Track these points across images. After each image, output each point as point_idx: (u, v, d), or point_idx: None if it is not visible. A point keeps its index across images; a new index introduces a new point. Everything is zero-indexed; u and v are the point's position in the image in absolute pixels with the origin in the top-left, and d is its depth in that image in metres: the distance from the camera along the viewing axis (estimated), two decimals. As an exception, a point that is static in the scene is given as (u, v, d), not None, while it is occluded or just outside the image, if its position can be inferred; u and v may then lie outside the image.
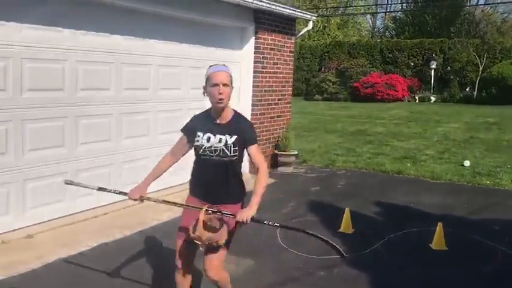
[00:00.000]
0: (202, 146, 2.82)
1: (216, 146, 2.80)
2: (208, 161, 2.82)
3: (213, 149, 2.80)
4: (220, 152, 2.80)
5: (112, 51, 5.32)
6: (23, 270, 3.83)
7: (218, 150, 2.80)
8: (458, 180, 7.47)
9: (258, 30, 7.39)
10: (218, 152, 2.80)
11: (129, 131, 5.65)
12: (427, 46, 24.74)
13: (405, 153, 9.68)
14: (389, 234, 4.91)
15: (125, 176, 5.60)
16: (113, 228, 4.87)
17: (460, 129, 13.37)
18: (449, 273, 4.07)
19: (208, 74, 2.77)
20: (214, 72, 2.76)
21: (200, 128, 2.85)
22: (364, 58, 25.35)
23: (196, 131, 2.86)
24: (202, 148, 2.81)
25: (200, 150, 2.82)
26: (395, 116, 16.68)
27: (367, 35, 40.43)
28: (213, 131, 2.81)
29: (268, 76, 7.78)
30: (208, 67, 2.82)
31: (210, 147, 2.81)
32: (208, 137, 2.82)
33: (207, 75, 2.77)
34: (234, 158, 2.83)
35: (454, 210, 5.89)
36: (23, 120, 4.52)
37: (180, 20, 6.13)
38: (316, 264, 4.16)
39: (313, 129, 13.41)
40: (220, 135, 2.80)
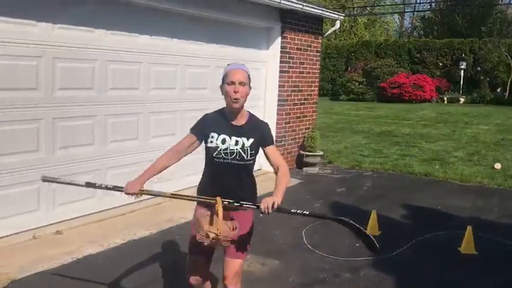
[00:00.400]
0: (217, 147, 2.64)
1: (232, 149, 2.63)
2: (222, 164, 2.64)
3: (229, 151, 2.63)
4: (236, 155, 2.63)
5: (141, 51, 5.39)
6: (53, 265, 3.92)
7: (234, 153, 2.63)
8: (489, 183, 7.30)
9: (285, 30, 7.38)
10: (234, 155, 2.63)
11: (156, 130, 5.71)
12: (456, 46, 24.28)
13: (433, 155, 9.50)
14: (417, 237, 4.83)
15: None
16: (140, 226, 4.93)
17: (490, 131, 13.07)
18: (478, 279, 3.98)
19: (226, 72, 2.62)
20: (231, 70, 2.61)
21: (214, 128, 2.66)
22: (391, 58, 25.05)
23: (210, 131, 2.68)
24: (217, 150, 2.63)
25: (214, 152, 2.63)
26: (423, 117, 16.41)
27: (395, 34, 39.95)
28: (228, 133, 2.64)
29: (295, 76, 7.75)
30: (227, 65, 2.69)
31: (226, 149, 2.63)
32: (224, 139, 2.64)
33: (224, 72, 2.63)
34: (251, 162, 2.70)
35: (484, 214, 5.76)
36: (54, 118, 4.62)
37: (208, 20, 6.17)
38: (342, 266, 4.12)
39: (339, 129, 13.31)
40: (236, 138, 2.64)
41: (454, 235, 4.83)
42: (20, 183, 4.42)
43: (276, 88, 7.52)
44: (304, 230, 5.02)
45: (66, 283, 3.66)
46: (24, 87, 4.37)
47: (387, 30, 40.15)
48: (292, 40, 7.56)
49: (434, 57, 24.67)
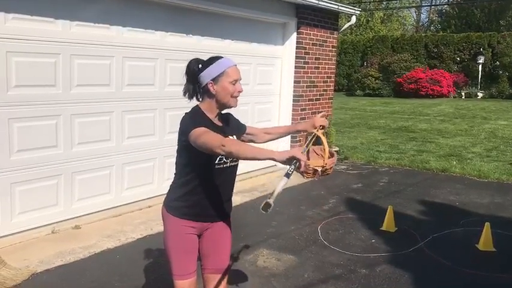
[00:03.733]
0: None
1: None
2: (223, 169, 2.39)
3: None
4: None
5: (157, 47, 5.42)
6: (71, 259, 3.99)
7: None
8: (507, 179, 7.19)
9: (300, 26, 7.35)
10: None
11: (171, 127, 5.74)
12: (474, 40, 23.92)
13: (450, 151, 9.40)
14: (434, 234, 4.79)
15: (167, 170, 5.71)
16: (157, 221, 4.95)
17: (509, 126, 12.86)
18: (497, 276, 3.93)
19: (224, 69, 2.34)
20: (231, 67, 2.36)
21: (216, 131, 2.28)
22: (408, 53, 24.79)
23: None
24: (219, 156, 2.32)
25: (216, 159, 2.33)
26: (440, 112, 16.23)
27: (412, 29, 39.50)
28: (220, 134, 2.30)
29: (310, 71, 7.73)
30: (216, 59, 2.39)
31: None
32: None
33: (222, 69, 2.34)
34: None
35: (503, 211, 5.68)
36: (71, 114, 4.68)
37: (223, 16, 6.18)
38: (358, 262, 4.11)
39: (355, 125, 13.23)
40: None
41: (472, 232, 4.78)
42: (39, 178, 4.49)
43: (292, 84, 7.50)
44: (319, 225, 5.02)
45: (84, 277, 3.72)
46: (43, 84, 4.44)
47: (404, 25, 39.71)
48: (308, 35, 7.53)
49: (452, 52, 24.34)
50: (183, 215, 2.42)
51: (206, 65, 2.36)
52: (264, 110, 7.26)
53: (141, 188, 5.44)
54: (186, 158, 2.36)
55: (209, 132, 2.20)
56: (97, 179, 4.99)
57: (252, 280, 3.72)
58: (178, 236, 2.44)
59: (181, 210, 2.42)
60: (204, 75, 2.35)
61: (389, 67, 23.54)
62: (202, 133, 2.19)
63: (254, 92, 6.95)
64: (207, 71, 2.34)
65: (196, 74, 2.37)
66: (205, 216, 2.46)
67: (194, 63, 2.38)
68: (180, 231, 2.43)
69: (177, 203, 2.44)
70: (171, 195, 2.48)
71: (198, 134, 2.20)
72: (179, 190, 2.44)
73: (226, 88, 2.35)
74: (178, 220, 2.42)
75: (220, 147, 2.11)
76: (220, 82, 2.34)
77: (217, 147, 2.12)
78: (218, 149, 2.12)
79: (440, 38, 25.34)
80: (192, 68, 2.38)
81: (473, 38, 24.08)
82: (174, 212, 2.44)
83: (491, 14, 30.54)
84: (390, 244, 4.55)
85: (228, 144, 2.12)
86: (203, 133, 2.19)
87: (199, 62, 2.39)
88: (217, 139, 2.16)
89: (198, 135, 2.19)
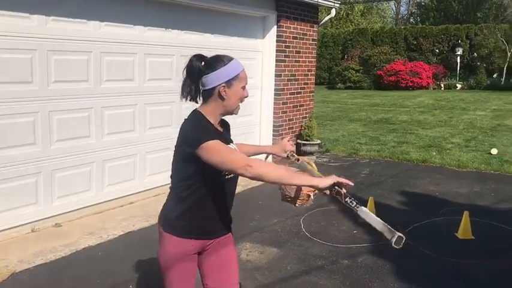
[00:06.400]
0: None
1: None
2: (228, 181, 2.18)
3: None
4: None
5: (135, 42, 5.36)
6: (52, 257, 3.94)
7: None
8: (485, 169, 7.34)
9: (280, 19, 7.34)
10: None
11: (152, 122, 5.71)
12: (452, 32, 24.23)
13: (430, 142, 9.53)
14: (414, 223, 4.86)
15: (148, 166, 5.68)
16: (139, 217, 4.95)
17: (487, 116, 13.10)
18: (476, 263, 4.01)
19: (239, 73, 2.12)
20: (243, 70, 2.16)
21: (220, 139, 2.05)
22: (388, 45, 24.98)
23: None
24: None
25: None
26: (420, 104, 16.43)
27: (391, 22, 39.80)
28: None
29: (291, 65, 7.74)
30: (227, 59, 2.14)
31: None
32: None
33: (236, 73, 2.12)
34: None
35: (481, 199, 5.79)
36: (49, 111, 4.61)
37: (202, 10, 6.14)
38: (341, 253, 4.15)
39: (336, 118, 13.31)
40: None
41: (451, 221, 4.86)
42: (18, 176, 4.42)
43: (273, 77, 7.51)
44: (302, 218, 5.05)
45: (65, 275, 3.68)
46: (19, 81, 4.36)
47: (383, 18, 40.01)
48: (288, 29, 7.53)
49: (431, 44, 24.62)
50: (186, 234, 2.14)
51: (215, 65, 2.10)
52: (246, 104, 7.11)
53: (122, 184, 5.40)
54: (189, 169, 2.07)
55: (228, 148, 2.02)
56: (77, 176, 4.93)
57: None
58: (179, 258, 2.18)
59: (184, 228, 2.15)
60: (215, 77, 2.08)
61: (369, 60, 23.71)
62: (219, 149, 1.96)
63: (235, 86, 6.93)
64: (219, 72, 2.08)
65: (201, 73, 2.11)
66: (210, 232, 2.23)
67: (198, 61, 2.13)
68: (182, 253, 2.17)
69: (179, 221, 2.15)
70: (171, 212, 2.17)
71: (214, 149, 1.96)
72: (180, 206, 2.14)
73: (237, 93, 2.14)
74: (179, 240, 2.15)
75: (245, 168, 1.90)
76: (233, 86, 2.11)
77: (241, 167, 1.91)
78: (241, 170, 1.91)
79: (420, 30, 25.59)
80: (197, 67, 2.12)
81: (451, 30, 24.39)
82: (175, 232, 2.14)
83: (468, 6, 30.93)
84: (372, 234, 4.60)
85: (255, 165, 1.91)
86: (221, 150, 1.97)
87: (203, 59, 2.14)
88: (240, 158, 1.96)
89: (215, 151, 1.96)
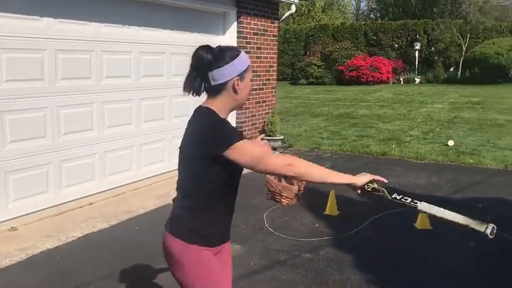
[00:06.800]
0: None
1: None
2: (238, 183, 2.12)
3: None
4: None
5: (92, 39, 5.24)
6: (7, 262, 3.81)
7: None
8: (443, 160, 7.56)
9: (241, 15, 7.33)
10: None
11: (111, 121, 5.59)
12: (411, 27, 24.80)
13: (390, 135, 9.74)
14: (374, 215, 4.96)
15: (108, 166, 5.57)
16: (99, 218, 4.85)
17: (444, 109, 13.49)
18: (433, 251, 4.13)
19: (248, 64, 2.02)
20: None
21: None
22: (348, 41, 25.34)
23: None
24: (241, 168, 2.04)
25: (242, 169, 2.02)
26: (380, 98, 16.76)
27: (352, 17, 40.40)
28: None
29: (252, 61, 7.73)
30: (236, 51, 2.00)
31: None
32: None
33: (247, 64, 2.01)
34: None
35: (438, 190, 5.97)
36: (1, 111, 4.44)
37: (162, 6, 6.05)
38: (303, 247, 4.19)
39: (299, 113, 13.42)
40: None
41: (410, 212, 4.94)
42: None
43: (234, 74, 7.48)
44: (265, 213, 5.07)
45: (22, 280, 3.57)
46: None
47: (344, 14, 40.56)
48: (249, 25, 7.53)
49: (390, 39, 25.12)
50: (206, 243, 2.00)
51: (227, 58, 1.95)
52: (207, 100, 7.19)
53: (81, 185, 5.27)
54: (210, 172, 1.92)
55: (260, 147, 1.93)
56: (34, 178, 4.78)
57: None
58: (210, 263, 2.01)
59: (207, 238, 2.00)
60: (229, 70, 1.94)
61: (331, 55, 23.99)
62: (252, 149, 1.88)
63: (196, 82, 6.87)
64: (233, 65, 1.94)
65: (212, 67, 1.94)
66: (224, 237, 2.13)
67: (207, 53, 1.94)
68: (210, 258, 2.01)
69: (201, 231, 1.99)
70: (189, 223, 1.99)
71: (246, 149, 1.86)
72: (200, 214, 1.99)
73: (248, 86, 2.03)
74: (202, 249, 2.00)
75: (286, 168, 1.84)
76: (245, 79, 2.00)
77: (281, 167, 1.84)
78: (282, 170, 1.85)
79: (379, 25, 26.08)
80: (208, 59, 1.93)
81: (409, 25, 24.96)
82: (199, 242, 1.98)
83: (426, 2, 31.75)
84: (333, 228, 4.68)
85: (296, 163, 1.85)
86: (254, 149, 1.88)
87: (212, 51, 1.96)
88: (276, 157, 1.88)
89: (248, 151, 1.86)
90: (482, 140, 9.01)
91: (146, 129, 6.06)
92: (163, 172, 6.28)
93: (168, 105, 6.37)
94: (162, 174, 6.27)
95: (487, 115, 12.10)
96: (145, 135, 6.06)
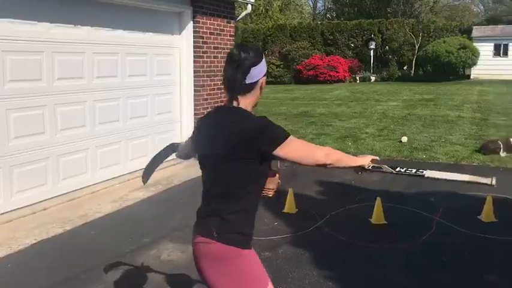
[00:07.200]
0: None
1: None
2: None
3: None
4: None
5: (41, 40, 5.07)
6: (-45, 273, 3.65)
7: None
8: (397, 156, 7.78)
9: (196, 15, 7.28)
10: None
11: (64, 123, 5.44)
12: (365, 27, 25.39)
13: (346, 133, 9.94)
14: (332, 212, 5.05)
15: (62, 170, 5.43)
16: (53, 224, 4.71)
17: (398, 106, 13.87)
18: (389, 245, 4.25)
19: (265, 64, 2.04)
20: None
21: None
22: (306, 41, 25.67)
23: None
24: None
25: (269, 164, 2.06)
26: (337, 96, 17.06)
27: (309, 17, 40.89)
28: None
29: (209, 61, 7.71)
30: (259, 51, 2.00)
31: None
32: None
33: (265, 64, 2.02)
34: None
35: (393, 186, 6.13)
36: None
37: (115, 6, 5.94)
38: (261, 246, 4.21)
39: (258, 112, 13.29)
40: None
41: (366, 207, 5.10)
42: None
43: (192, 74, 7.43)
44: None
45: (-29, 291, 3.43)
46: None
47: (301, 13, 41.00)
48: (205, 24, 7.49)
49: (346, 39, 25.63)
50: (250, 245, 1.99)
51: (260, 56, 1.97)
52: (165, 101, 7.12)
53: (33, 190, 5.10)
54: (253, 173, 1.91)
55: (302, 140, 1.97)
56: (-19, 184, 4.60)
57: (155, 275, 3.67)
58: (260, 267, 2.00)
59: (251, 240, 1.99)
60: (260, 68, 1.97)
61: (289, 55, 24.24)
62: (301, 143, 1.94)
63: (153, 83, 6.80)
64: (263, 63, 1.98)
65: (252, 65, 1.93)
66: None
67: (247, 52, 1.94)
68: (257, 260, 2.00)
69: (251, 233, 1.99)
70: (242, 228, 1.93)
71: (297, 144, 1.92)
72: (248, 217, 1.97)
73: (263, 84, 2.05)
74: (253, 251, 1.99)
75: (326, 157, 1.93)
76: (265, 77, 2.05)
77: (323, 157, 1.93)
78: (323, 160, 1.93)
79: (335, 25, 26.55)
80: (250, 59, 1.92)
81: (364, 24, 25.54)
82: (250, 245, 1.97)
83: (380, 2, 32.55)
84: (292, 225, 4.73)
85: (331, 152, 1.96)
86: (302, 143, 1.95)
87: (250, 50, 1.96)
88: (317, 148, 1.96)
89: (299, 146, 1.92)
90: (435, 135, 9.33)
91: (101, 132, 5.94)
92: (120, 175, 6.18)
93: (123, 107, 6.25)
94: (119, 177, 6.17)
95: (439, 112, 12.53)
96: (101, 137, 5.94)
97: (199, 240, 1.97)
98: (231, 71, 1.93)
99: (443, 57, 20.96)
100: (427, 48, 22.26)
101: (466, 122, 10.92)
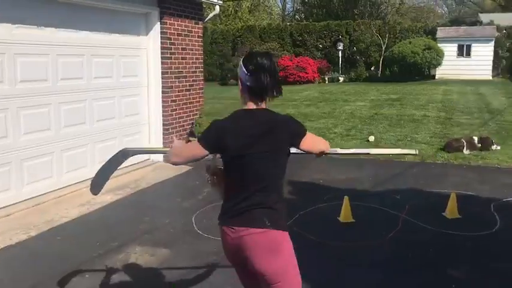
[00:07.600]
0: None
1: None
2: None
3: None
4: None
5: (5, 41, 4.95)
6: None
7: None
8: (364, 156, 7.89)
9: (164, 16, 7.23)
10: None
11: (27, 127, 5.32)
12: (333, 28, 25.70)
13: (315, 133, 9.88)
14: (301, 211, 5.10)
15: (26, 174, 5.30)
16: (17, 230, 4.59)
17: (366, 106, 14.10)
18: (356, 243, 4.32)
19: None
20: None
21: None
22: (275, 42, 25.80)
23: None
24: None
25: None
26: (307, 97, 17.21)
27: (278, 18, 41.11)
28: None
29: (177, 62, 7.66)
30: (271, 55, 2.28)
31: None
32: None
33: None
34: None
35: (360, 184, 6.23)
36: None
37: (79, 7, 5.84)
38: (231, 247, 4.21)
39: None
40: None
41: (334, 206, 5.17)
42: None
43: (159, 75, 7.37)
44: (194, 215, 5.04)
45: None
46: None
47: (271, 15, 41.19)
48: (172, 25, 7.45)
49: (315, 40, 25.89)
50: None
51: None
52: (132, 103, 7.03)
53: (-4, 195, 4.97)
54: (286, 165, 2.26)
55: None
56: None
57: (123, 279, 3.63)
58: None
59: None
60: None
61: (258, 56, 24.30)
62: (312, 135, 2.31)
63: (119, 84, 6.71)
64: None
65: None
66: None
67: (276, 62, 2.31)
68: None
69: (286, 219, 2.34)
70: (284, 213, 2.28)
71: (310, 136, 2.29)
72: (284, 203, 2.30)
73: None
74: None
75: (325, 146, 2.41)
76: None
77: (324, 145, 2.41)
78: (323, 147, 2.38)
79: (304, 26, 26.78)
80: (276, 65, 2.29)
81: (332, 26, 25.86)
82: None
83: (347, 3, 33.02)
84: (261, 226, 4.73)
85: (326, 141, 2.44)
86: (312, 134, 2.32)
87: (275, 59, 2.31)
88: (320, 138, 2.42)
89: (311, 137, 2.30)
90: (401, 134, 9.53)
91: (67, 135, 5.82)
92: (87, 178, 6.05)
93: (89, 109, 6.15)
94: (87, 180, 6.05)
95: (405, 111, 12.80)
96: (67, 140, 5.82)
97: (250, 232, 2.14)
98: (269, 79, 2.18)
99: (409, 58, 21.44)
100: (393, 49, 22.72)
101: (431, 121, 11.20)
